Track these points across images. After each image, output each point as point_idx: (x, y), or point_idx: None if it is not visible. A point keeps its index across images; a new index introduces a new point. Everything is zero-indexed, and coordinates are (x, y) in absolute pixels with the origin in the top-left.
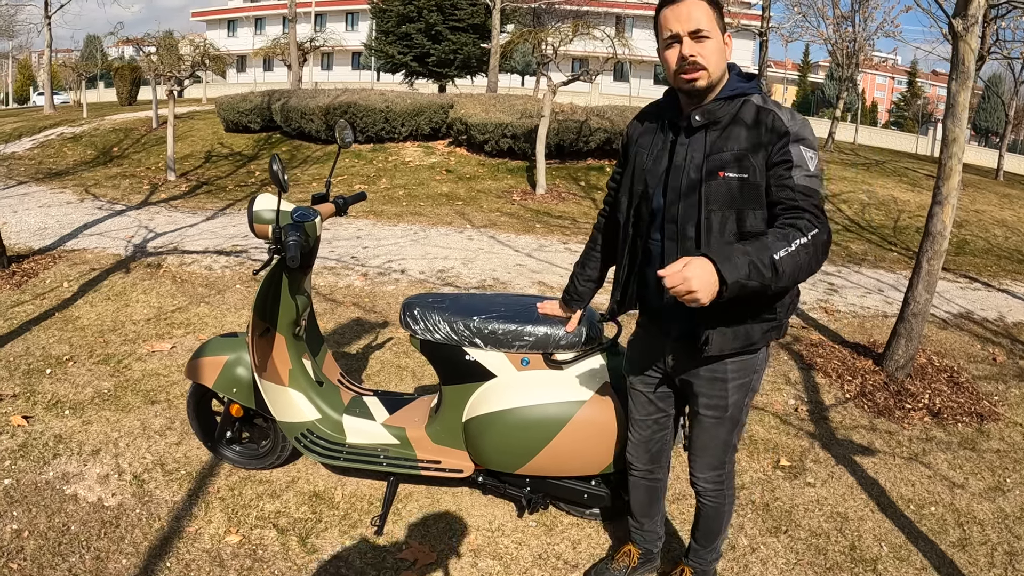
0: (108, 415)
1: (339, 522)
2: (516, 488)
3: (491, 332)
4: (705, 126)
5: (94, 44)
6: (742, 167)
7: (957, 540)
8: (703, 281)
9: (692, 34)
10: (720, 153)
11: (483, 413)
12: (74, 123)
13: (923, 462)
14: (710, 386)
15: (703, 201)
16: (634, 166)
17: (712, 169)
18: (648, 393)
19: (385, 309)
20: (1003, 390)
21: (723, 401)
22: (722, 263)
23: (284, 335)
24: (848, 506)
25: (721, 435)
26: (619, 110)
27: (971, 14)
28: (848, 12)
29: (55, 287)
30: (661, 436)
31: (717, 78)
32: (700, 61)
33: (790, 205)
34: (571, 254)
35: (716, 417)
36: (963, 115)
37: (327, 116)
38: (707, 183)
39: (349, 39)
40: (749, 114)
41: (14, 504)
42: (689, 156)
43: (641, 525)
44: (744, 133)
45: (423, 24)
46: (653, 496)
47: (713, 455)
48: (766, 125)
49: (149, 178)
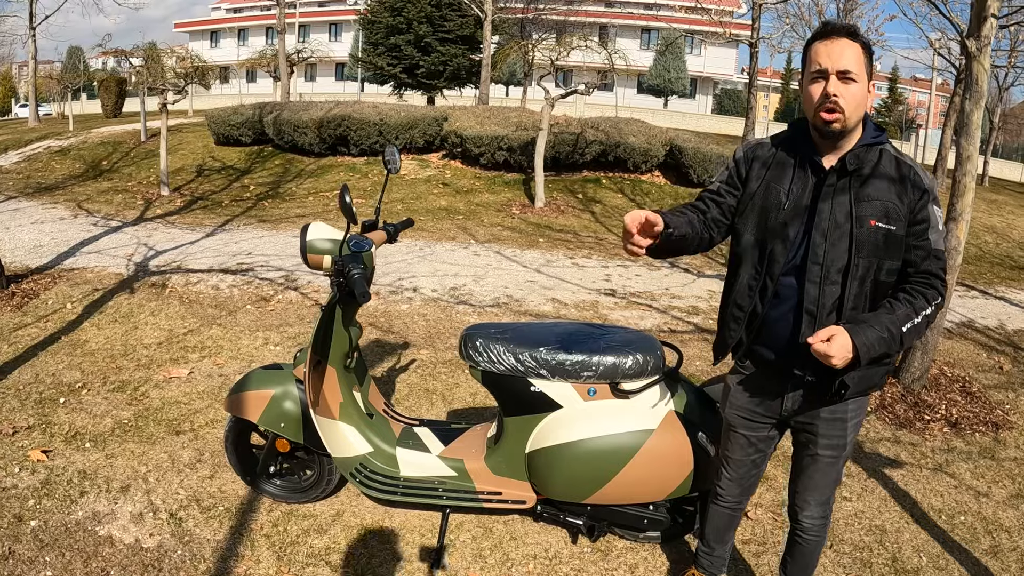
0: (132, 447)
1: (392, 557)
2: (574, 516)
3: (559, 363)
4: (852, 172)
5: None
6: (889, 219)
7: (989, 548)
8: (842, 356)
9: (840, 74)
10: (869, 202)
11: (551, 444)
12: (61, 136)
13: (948, 472)
14: (830, 426)
15: (854, 248)
16: (764, 202)
17: (862, 217)
18: (751, 436)
19: (402, 329)
20: (1013, 399)
21: (842, 440)
22: (860, 344)
23: (336, 367)
24: (885, 518)
25: (834, 472)
26: (612, 122)
27: (984, 35)
28: None
29: (58, 309)
30: (756, 473)
31: (853, 124)
32: (841, 103)
33: (924, 269)
34: (579, 269)
35: (834, 456)
36: (976, 133)
37: (320, 129)
38: (858, 231)
39: (333, 50)
40: (890, 165)
41: (45, 548)
42: (836, 201)
43: (712, 551)
44: (889, 185)
45: (412, 36)
46: (731, 524)
47: (823, 492)
48: (910, 180)
49: (142, 193)
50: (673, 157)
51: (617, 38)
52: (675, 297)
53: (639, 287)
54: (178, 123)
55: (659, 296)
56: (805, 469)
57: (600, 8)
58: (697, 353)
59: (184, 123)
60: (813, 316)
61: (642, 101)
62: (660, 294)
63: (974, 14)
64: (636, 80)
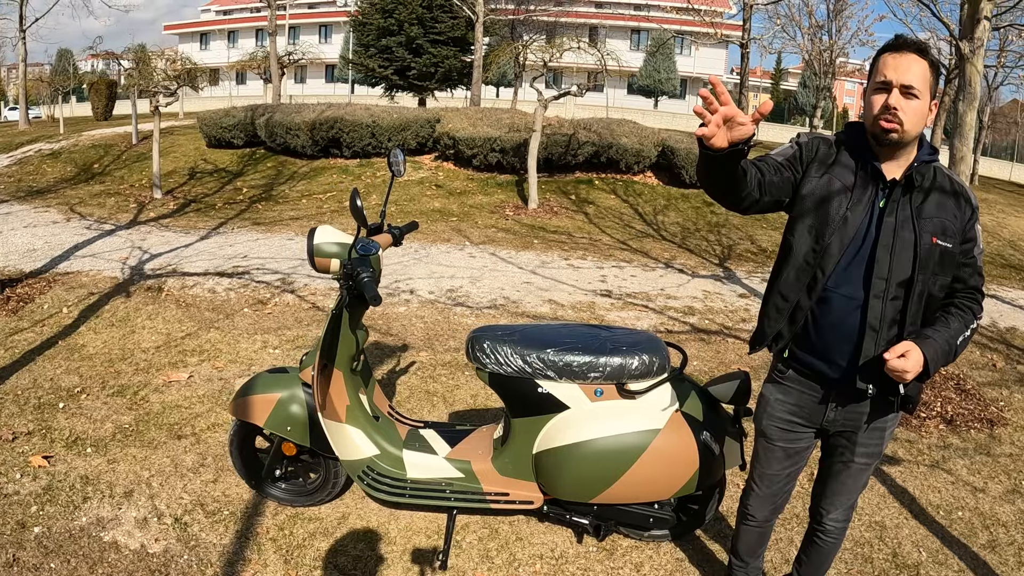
0: (134, 452)
1: (400, 558)
2: (581, 516)
3: (566, 364)
4: (916, 188)
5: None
6: (947, 236)
7: (987, 542)
8: (916, 371)
9: (904, 88)
10: (931, 219)
11: (558, 445)
12: (51, 139)
13: (945, 469)
14: (869, 436)
15: (918, 265)
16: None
17: (924, 233)
18: (789, 447)
19: (400, 331)
20: (1007, 395)
21: (878, 448)
22: (930, 358)
23: (342, 370)
24: (884, 514)
25: (865, 478)
26: (604, 123)
27: (977, 37)
28: (823, 21)
29: (54, 313)
30: (788, 488)
31: (910, 138)
32: (900, 116)
33: (971, 285)
34: (574, 270)
35: (868, 463)
36: (970, 134)
37: (313, 131)
38: (921, 247)
39: (323, 52)
40: (945, 183)
41: (50, 555)
42: (901, 215)
43: (746, 564)
44: (947, 202)
45: (404, 37)
46: (764, 539)
47: (851, 496)
48: (963, 198)
49: (135, 196)
50: (665, 158)
51: (607, 39)
52: (671, 298)
53: (635, 288)
54: (169, 126)
55: (655, 296)
56: (837, 475)
57: (590, 9)
58: (695, 353)
59: (175, 125)
60: (876, 331)
61: (632, 102)
62: (656, 294)
63: (967, 17)
64: (626, 81)
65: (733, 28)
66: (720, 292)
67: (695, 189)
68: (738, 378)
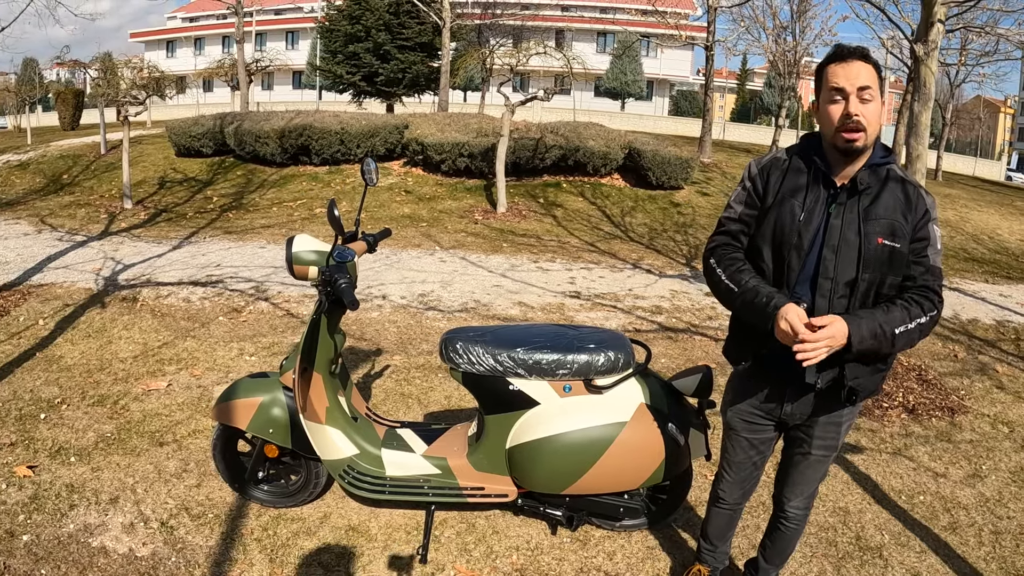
0: (117, 460)
1: (381, 554)
2: (554, 508)
3: (535, 362)
4: (862, 190)
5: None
6: (895, 237)
7: (948, 524)
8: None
9: (860, 90)
10: (877, 220)
11: (530, 439)
12: (19, 150)
13: (907, 456)
14: (825, 429)
15: (861, 264)
16: (779, 215)
17: (870, 234)
18: (752, 438)
19: (374, 336)
20: (968, 384)
21: (835, 441)
22: (854, 331)
23: (321, 373)
24: (848, 500)
25: (824, 469)
26: (572, 126)
27: (931, 39)
28: (787, 22)
29: (30, 325)
30: (756, 474)
31: (871, 142)
32: (863, 121)
33: (921, 283)
34: (543, 272)
35: (825, 455)
36: (925, 133)
37: (282, 139)
38: (866, 247)
39: (291, 58)
40: (897, 186)
41: (40, 562)
42: (847, 218)
43: (715, 548)
44: (895, 204)
45: (371, 44)
46: (733, 523)
47: (810, 486)
48: (914, 200)
49: (105, 206)
50: (632, 160)
51: (574, 42)
52: (639, 298)
53: (603, 288)
54: (138, 135)
55: (623, 297)
56: (796, 465)
57: (556, 13)
58: (663, 351)
59: (144, 134)
60: None
61: (600, 104)
62: (624, 295)
63: (921, 20)
64: (593, 84)
65: (698, 30)
66: (687, 291)
67: (662, 190)
68: (700, 372)
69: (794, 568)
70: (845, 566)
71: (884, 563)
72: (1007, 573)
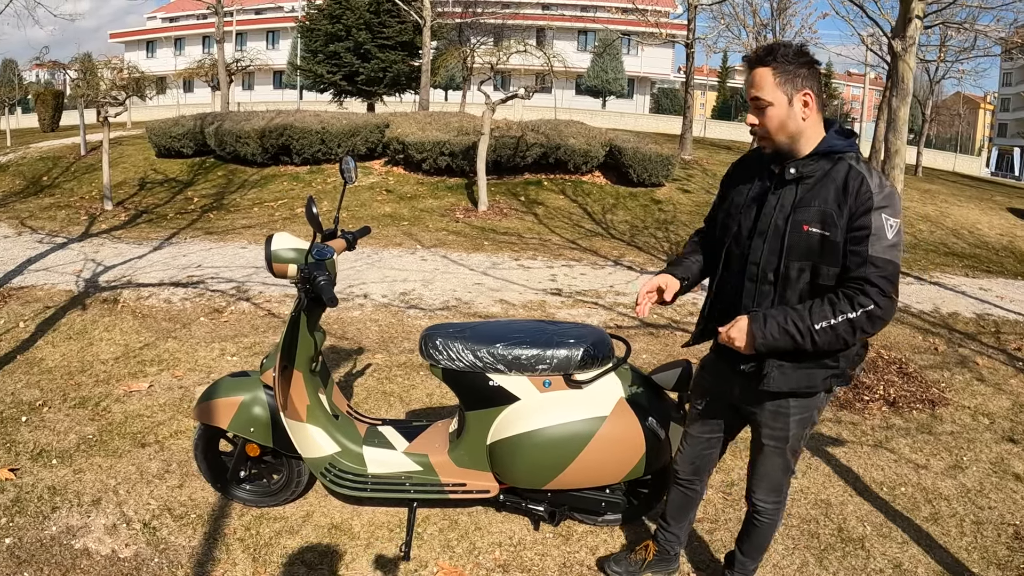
0: (99, 461)
1: (364, 552)
2: (536, 503)
3: (515, 358)
4: (797, 179)
5: (11, 68)
6: (825, 224)
7: (929, 515)
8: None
9: (752, 101)
10: (807, 208)
11: (511, 435)
12: None
13: (888, 448)
14: (774, 419)
15: (785, 251)
16: (730, 204)
17: (797, 221)
18: (707, 415)
19: (356, 335)
20: (948, 377)
21: (784, 433)
22: (756, 329)
23: (302, 371)
24: (829, 493)
25: (781, 462)
26: (552, 124)
27: (909, 35)
28: (767, 20)
29: (10, 328)
30: (708, 453)
31: (787, 142)
32: (758, 130)
33: (856, 275)
34: (524, 270)
35: (777, 447)
36: (903, 129)
37: (263, 139)
38: (791, 234)
39: (271, 58)
40: (840, 174)
41: (23, 565)
42: (779, 206)
43: (668, 526)
44: (832, 193)
45: (352, 43)
46: (688, 504)
47: (773, 479)
48: (854, 189)
49: (85, 208)
50: (613, 157)
51: (555, 41)
52: (620, 294)
53: (584, 285)
54: (118, 136)
55: (604, 294)
56: (754, 457)
57: (537, 11)
58: (644, 346)
59: (124, 135)
60: (749, 312)
61: (581, 102)
62: (605, 292)
63: (900, 15)
64: (574, 82)
65: (678, 28)
66: None
67: (643, 188)
68: (680, 366)
69: (776, 560)
70: (827, 557)
71: (866, 554)
72: (989, 563)
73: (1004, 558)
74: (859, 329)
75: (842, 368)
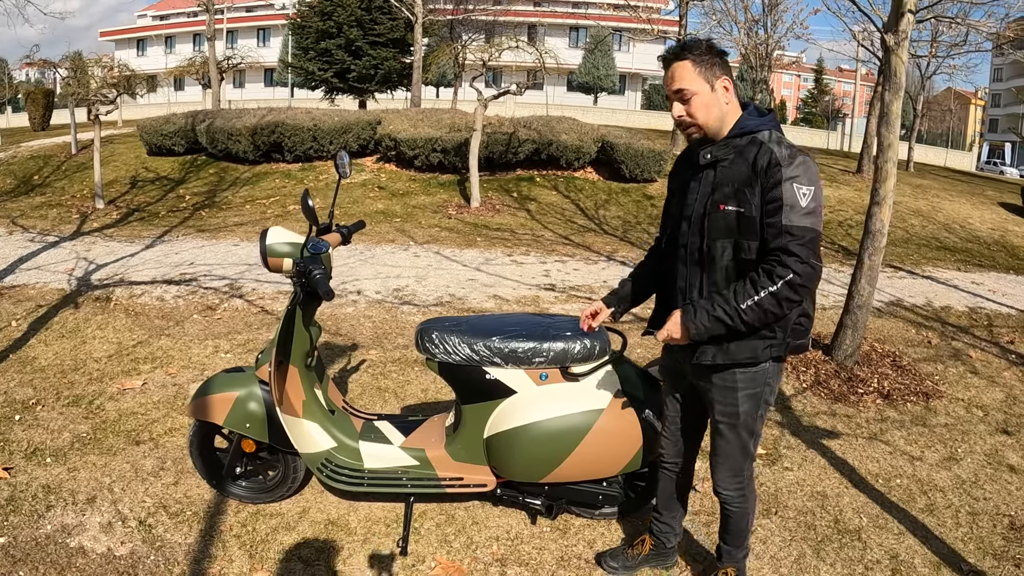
0: (94, 460)
1: (361, 547)
2: (533, 497)
3: (511, 351)
4: (713, 164)
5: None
6: (739, 201)
7: (925, 506)
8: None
9: (676, 94)
10: (723, 188)
11: (507, 428)
12: None
13: (883, 440)
14: (723, 394)
15: (706, 232)
16: (670, 195)
17: (715, 201)
18: (675, 395)
19: (350, 331)
20: (942, 370)
21: (735, 408)
22: (687, 321)
23: (298, 366)
24: (825, 485)
25: (737, 443)
26: (544, 120)
27: (902, 29)
28: (759, 16)
29: (3, 327)
30: (686, 433)
31: (715, 125)
32: (686, 120)
33: (773, 246)
34: (517, 266)
35: (730, 424)
36: (896, 123)
37: (254, 136)
38: (710, 215)
39: (262, 56)
40: (751, 153)
41: (18, 564)
42: (701, 190)
43: (660, 516)
44: (744, 170)
45: (343, 40)
46: (676, 490)
47: (732, 463)
48: (763, 164)
49: (77, 206)
50: (605, 153)
51: (546, 37)
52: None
53: (578, 281)
54: (109, 134)
55: (598, 288)
56: (713, 441)
57: (529, 8)
58: (639, 339)
59: (115, 134)
60: (684, 294)
61: (572, 99)
62: (599, 286)
63: (892, 9)
64: (566, 78)
65: (670, 24)
66: None
67: (635, 183)
68: None
69: (774, 552)
70: (824, 549)
71: (863, 545)
72: (985, 553)
73: (1000, 548)
74: (784, 300)
75: (780, 338)
